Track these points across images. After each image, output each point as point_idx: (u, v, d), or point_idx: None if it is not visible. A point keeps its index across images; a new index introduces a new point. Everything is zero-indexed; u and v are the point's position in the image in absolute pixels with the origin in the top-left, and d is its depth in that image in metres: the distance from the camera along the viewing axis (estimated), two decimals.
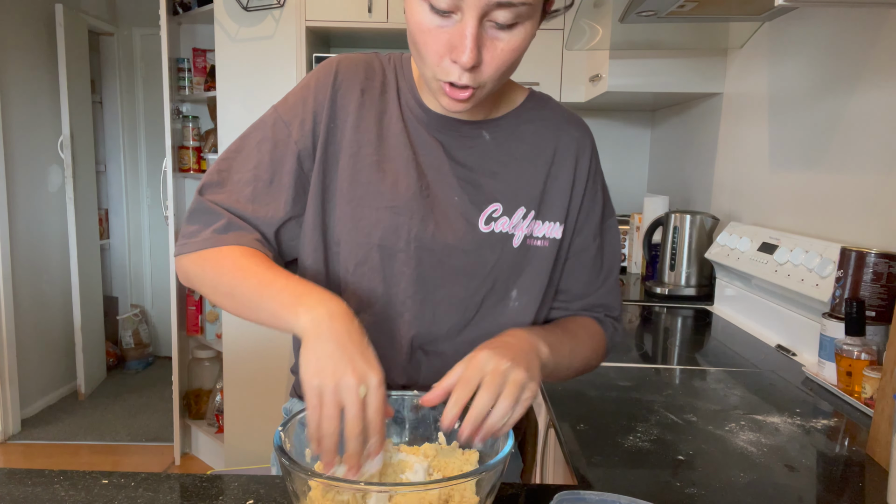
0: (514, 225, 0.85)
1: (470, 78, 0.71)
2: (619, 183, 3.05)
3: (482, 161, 0.85)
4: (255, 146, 0.83)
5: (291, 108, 0.84)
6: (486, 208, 0.84)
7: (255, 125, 0.85)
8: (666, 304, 1.97)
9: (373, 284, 0.83)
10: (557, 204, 0.87)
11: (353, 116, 0.83)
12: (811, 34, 1.59)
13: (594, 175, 0.90)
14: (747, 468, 0.88)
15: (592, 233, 0.91)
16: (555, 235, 0.87)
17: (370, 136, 0.83)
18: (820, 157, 1.52)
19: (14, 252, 3.30)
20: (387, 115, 0.84)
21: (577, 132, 0.89)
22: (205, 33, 2.98)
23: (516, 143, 0.86)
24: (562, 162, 0.87)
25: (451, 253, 0.83)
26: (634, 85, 2.20)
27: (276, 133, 0.83)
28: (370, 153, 0.83)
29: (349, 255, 0.83)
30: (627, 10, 1.57)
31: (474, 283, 0.84)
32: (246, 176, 0.82)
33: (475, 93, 0.74)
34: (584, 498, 0.64)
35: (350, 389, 0.62)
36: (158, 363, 4.31)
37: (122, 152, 4.32)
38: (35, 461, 3.03)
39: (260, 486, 0.77)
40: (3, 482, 0.77)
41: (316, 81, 0.84)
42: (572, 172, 0.87)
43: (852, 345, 1.12)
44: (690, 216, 2.02)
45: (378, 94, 0.84)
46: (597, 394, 1.16)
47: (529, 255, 0.86)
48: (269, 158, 0.82)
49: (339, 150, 0.83)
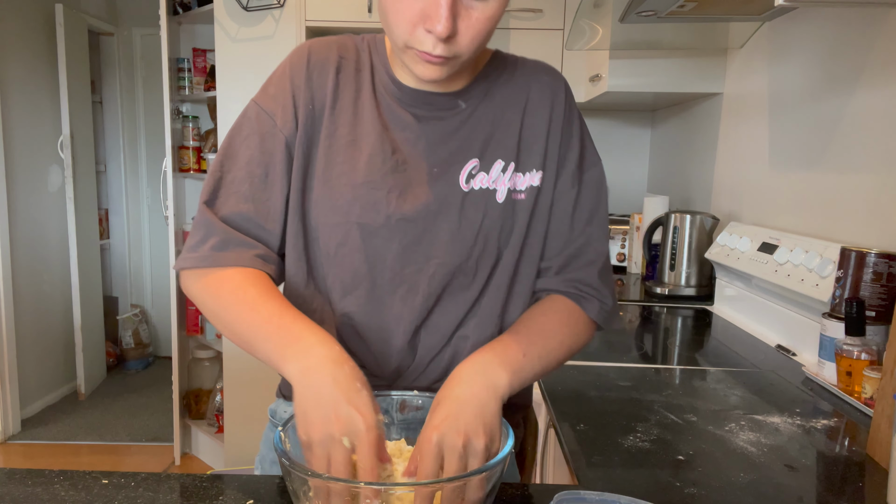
0: (493, 179, 0.82)
1: (444, 48, 0.70)
2: (619, 183, 3.05)
3: (458, 128, 0.83)
4: (242, 143, 0.82)
5: (272, 98, 0.83)
6: (464, 167, 0.82)
7: (239, 121, 0.84)
8: (666, 304, 1.97)
9: (356, 265, 0.82)
10: (535, 151, 0.84)
11: (329, 98, 0.82)
12: (811, 34, 1.59)
13: (569, 119, 0.86)
14: (747, 468, 0.88)
15: (570, 180, 0.85)
16: (533, 183, 0.83)
17: (346, 116, 0.82)
18: (820, 157, 1.52)
19: (14, 252, 3.30)
20: (362, 93, 0.83)
21: (548, 77, 0.86)
22: (205, 33, 2.98)
23: (490, 104, 0.84)
24: (535, 109, 0.84)
25: (434, 220, 0.81)
26: (634, 85, 2.20)
27: (262, 125, 0.82)
28: (345, 133, 0.82)
29: (329, 238, 0.82)
30: (627, 10, 1.57)
31: (465, 248, 0.82)
32: (240, 174, 0.81)
33: (451, 63, 0.73)
34: (584, 498, 0.64)
35: (334, 441, 0.62)
36: (158, 363, 4.31)
37: (122, 152, 4.32)
38: (35, 461, 3.03)
39: (260, 486, 0.77)
40: (3, 482, 0.77)
41: (291, 67, 0.84)
42: (547, 118, 0.84)
43: (852, 345, 1.12)
44: (690, 216, 2.02)
45: (353, 72, 0.83)
46: (597, 394, 1.16)
47: (516, 210, 0.83)
48: (259, 152, 0.81)
49: (317, 133, 0.82)
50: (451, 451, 0.64)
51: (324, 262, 0.83)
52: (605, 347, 1.51)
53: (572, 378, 1.23)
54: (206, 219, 0.80)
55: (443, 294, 0.83)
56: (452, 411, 0.67)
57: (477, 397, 0.69)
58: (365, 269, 0.82)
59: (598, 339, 1.59)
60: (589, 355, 1.42)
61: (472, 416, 0.67)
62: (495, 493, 0.66)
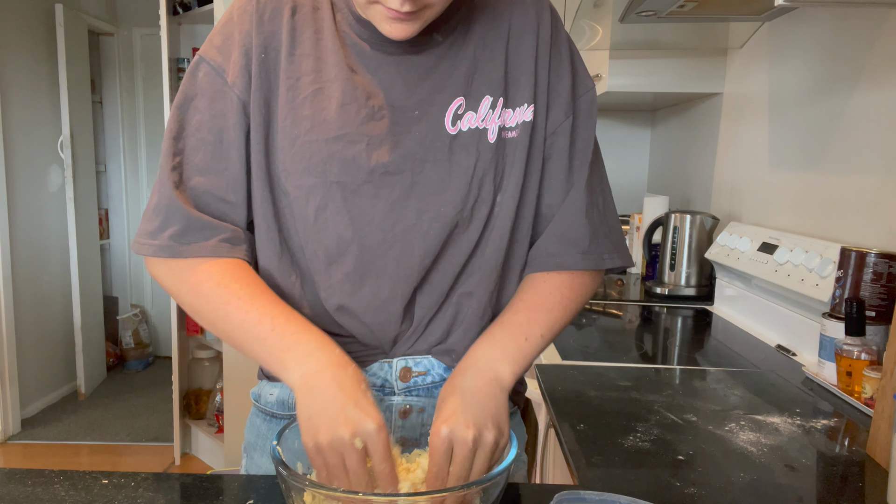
0: (482, 118, 0.75)
1: (412, 3, 0.64)
2: (619, 183, 3.05)
3: (437, 64, 0.75)
4: (191, 106, 0.74)
5: (218, 50, 0.74)
6: (448, 106, 0.74)
7: (186, 81, 0.75)
8: (666, 304, 1.97)
9: (339, 229, 0.74)
10: (524, 83, 0.77)
11: (286, 42, 0.73)
12: (811, 34, 1.59)
13: (557, 43, 0.79)
14: (747, 468, 0.88)
15: (563, 111, 0.79)
16: (525, 118, 0.76)
17: (308, 62, 0.73)
18: (820, 157, 1.53)
19: (14, 252, 3.30)
20: (323, 34, 0.74)
21: (533, 3, 0.79)
22: (205, 33, 2.99)
23: (470, 36, 0.77)
24: (519, 38, 0.77)
25: (422, 169, 0.74)
26: (634, 85, 2.20)
27: (210, 84, 0.73)
28: (309, 82, 0.73)
29: (305, 203, 0.74)
30: (627, 10, 1.57)
31: (459, 196, 0.75)
32: (191, 142, 0.74)
33: (422, 14, 0.66)
34: (585, 498, 0.64)
35: (345, 443, 0.61)
36: (158, 363, 4.31)
37: (122, 152, 4.32)
38: (35, 461, 3.03)
39: (260, 486, 0.77)
40: (3, 482, 0.77)
41: (238, 12, 0.74)
42: (534, 46, 0.77)
43: (852, 345, 1.12)
44: (690, 216, 2.02)
45: (310, 11, 0.74)
46: (597, 394, 1.16)
47: (508, 149, 0.77)
48: (209, 116, 0.73)
49: (276, 84, 0.73)
50: (462, 444, 0.64)
51: (301, 231, 0.75)
52: (605, 347, 1.51)
53: (572, 378, 1.23)
54: (163, 193, 0.72)
55: (441, 250, 0.77)
56: (460, 405, 0.66)
57: (483, 391, 0.68)
58: (350, 232, 0.74)
59: (598, 339, 1.59)
60: (589, 355, 1.42)
61: (479, 410, 0.66)
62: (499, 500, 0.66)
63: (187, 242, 0.72)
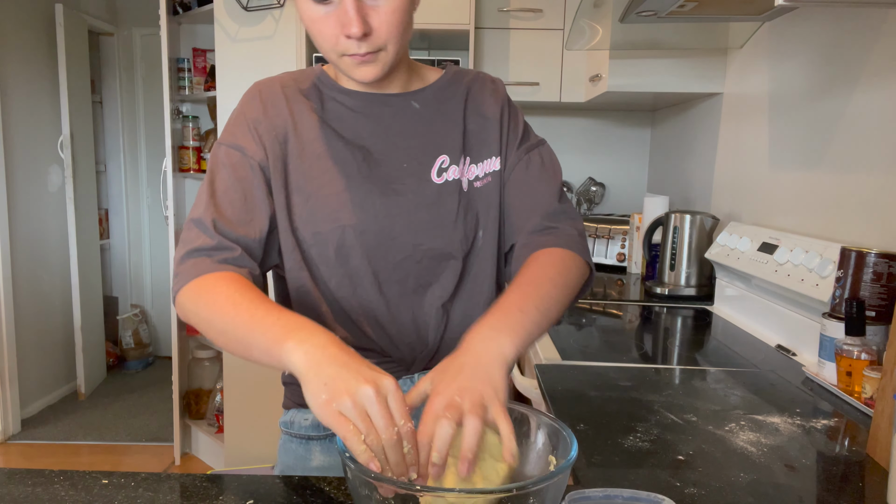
0: (460, 171, 0.93)
1: (367, 45, 0.80)
2: (619, 183, 3.05)
3: (417, 125, 0.93)
4: (218, 179, 0.87)
5: (234, 135, 0.89)
6: (434, 163, 0.92)
7: (210, 164, 0.89)
8: (666, 304, 1.97)
9: (356, 262, 0.89)
10: (491, 140, 0.95)
11: (290, 123, 0.89)
12: (811, 34, 1.59)
13: (512, 114, 0.98)
14: (747, 468, 0.88)
15: (516, 154, 0.97)
16: (494, 168, 0.95)
17: (310, 134, 0.89)
18: (820, 157, 1.53)
19: (14, 252, 3.30)
20: (316, 110, 0.91)
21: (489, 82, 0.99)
22: (205, 33, 2.98)
23: (444, 104, 0.95)
24: (482, 107, 0.96)
25: (416, 210, 0.90)
26: (634, 85, 2.20)
27: (232, 159, 0.88)
28: (314, 150, 0.89)
29: (326, 244, 0.89)
30: (627, 10, 1.57)
31: (446, 232, 0.91)
32: (222, 203, 0.85)
33: (380, 56, 0.82)
34: (589, 496, 0.64)
35: (369, 397, 0.61)
36: (158, 363, 4.31)
37: (122, 152, 4.32)
38: (35, 461, 3.03)
39: (260, 486, 0.77)
40: (3, 482, 0.77)
41: (245, 105, 0.91)
42: (496, 113, 0.96)
43: (852, 345, 1.12)
44: (690, 216, 2.02)
45: (301, 98, 0.91)
46: (597, 394, 1.16)
47: (480, 195, 0.94)
48: (234, 181, 0.86)
49: (287, 154, 0.89)
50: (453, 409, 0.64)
51: (324, 267, 0.90)
52: (605, 347, 1.51)
53: (572, 378, 1.23)
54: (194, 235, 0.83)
55: (435, 279, 0.92)
56: (457, 370, 0.69)
57: (480, 363, 0.70)
58: (365, 264, 0.89)
59: (598, 339, 1.59)
60: (589, 355, 1.42)
61: (472, 375, 0.68)
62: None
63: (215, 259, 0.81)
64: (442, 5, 2.44)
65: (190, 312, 0.80)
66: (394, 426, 0.61)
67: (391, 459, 0.61)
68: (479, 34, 2.58)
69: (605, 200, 3.05)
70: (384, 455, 0.61)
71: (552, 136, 3.03)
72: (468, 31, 2.46)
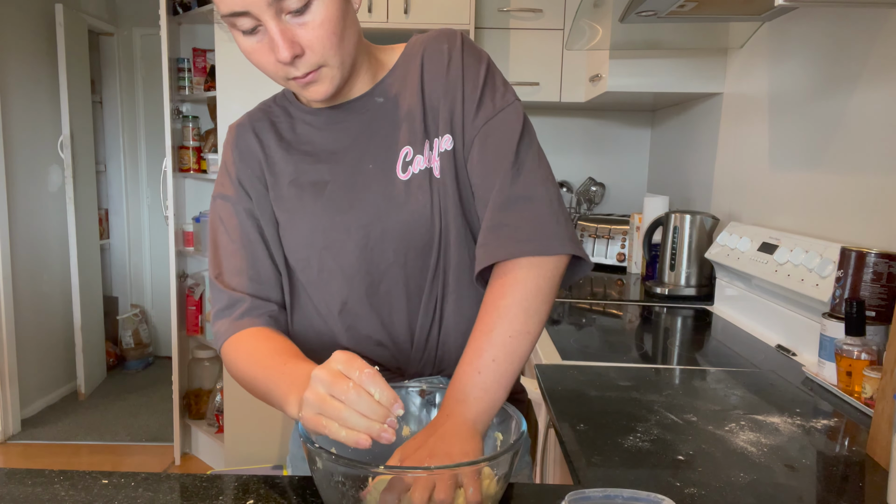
0: (427, 158, 0.86)
1: (304, 65, 0.77)
2: (619, 183, 3.05)
3: (380, 120, 0.88)
4: (218, 234, 0.92)
5: (223, 185, 0.93)
6: (398, 157, 0.86)
7: (210, 219, 0.95)
8: (666, 304, 1.97)
9: (338, 282, 0.89)
10: (442, 118, 0.86)
11: (262, 159, 0.91)
12: (811, 34, 1.59)
13: (469, 72, 0.85)
14: (747, 468, 0.88)
15: (472, 129, 0.85)
16: (446, 147, 0.85)
17: (280, 165, 0.90)
18: (820, 157, 1.53)
19: (14, 252, 3.30)
20: (284, 138, 0.91)
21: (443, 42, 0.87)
22: (205, 33, 2.99)
23: (404, 87, 0.88)
24: (433, 78, 0.86)
25: (389, 213, 0.85)
26: (634, 85, 2.20)
27: (223, 210, 0.92)
28: (285, 178, 0.90)
29: (306, 268, 0.90)
30: (627, 10, 1.57)
31: (424, 229, 0.85)
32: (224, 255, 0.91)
33: (323, 73, 0.78)
34: (589, 496, 0.64)
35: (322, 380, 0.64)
36: (158, 363, 4.31)
37: (122, 152, 4.32)
38: (35, 461, 3.03)
39: (260, 486, 0.77)
40: (3, 482, 0.77)
41: (225, 155, 0.94)
42: (444, 80, 0.85)
43: (852, 345, 1.12)
44: (690, 216, 2.02)
45: (269, 127, 0.92)
46: (597, 394, 1.16)
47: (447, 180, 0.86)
48: (229, 229, 0.91)
49: (266, 188, 0.91)
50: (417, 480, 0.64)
51: (311, 290, 0.91)
52: (605, 347, 1.51)
53: (572, 378, 1.23)
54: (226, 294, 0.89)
55: (420, 276, 0.88)
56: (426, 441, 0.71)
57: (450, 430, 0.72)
58: (344, 282, 0.88)
59: (598, 339, 1.59)
60: (589, 355, 1.42)
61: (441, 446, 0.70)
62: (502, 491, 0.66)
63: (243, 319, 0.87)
64: (442, 5, 2.44)
65: (229, 370, 0.87)
66: (348, 381, 0.63)
67: (365, 411, 0.62)
68: (479, 34, 2.58)
69: (605, 200, 3.05)
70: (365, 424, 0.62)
71: (552, 136, 3.03)
72: (468, 31, 2.46)
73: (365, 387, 0.63)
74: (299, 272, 0.91)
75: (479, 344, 0.78)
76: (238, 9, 0.73)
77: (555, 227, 0.80)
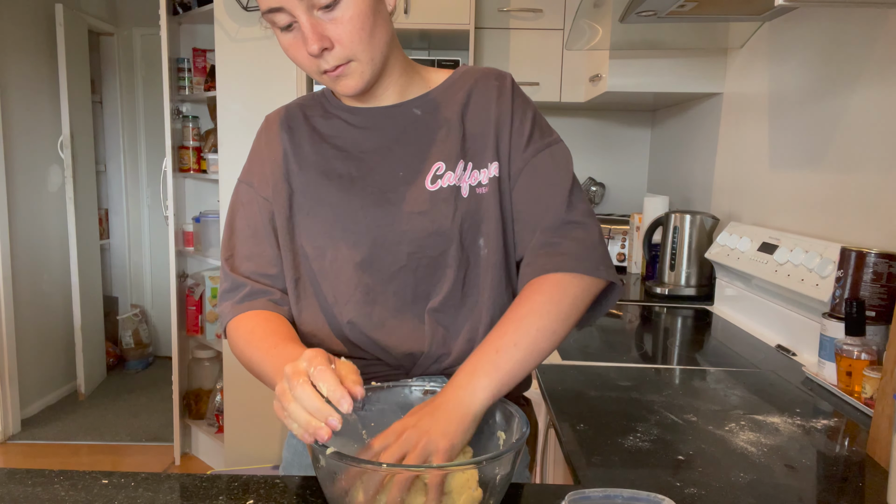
0: (458, 177, 0.89)
1: (333, 58, 0.81)
2: (619, 183, 3.05)
3: (416, 131, 0.91)
4: (236, 214, 0.97)
5: (248, 172, 0.97)
6: (429, 170, 0.89)
7: (231, 199, 0.98)
8: (666, 304, 1.97)
9: (349, 274, 0.90)
10: (489, 146, 0.90)
11: (290, 151, 0.94)
12: (811, 34, 1.59)
13: (518, 109, 0.91)
14: (747, 468, 0.88)
15: (523, 161, 0.90)
16: (493, 174, 0.89)
17: (310, 158, 0.93)
18: (820, 157, 1.53)
19: (14, 252, 3.30)
20: (317, 130, 0.94)
21: (491, 77, 0.93)
22: (205, 33, 2.98)
23: (446, 107, 0.92)
24: (480, 110, 0.91)
25: (409, 219, 0.88)
26: (634, 85, 2.20)
27: (244, 196, 0.96)
28: (313, 168, 0.92)
29: (320, 257, 0.91)
30: (627, 10, 1.57)
31: (440, 241, 0.88)
32: (238, 239, 0.95)
33: (352, 67, 0.82)
34: (589, 496, 0.64)
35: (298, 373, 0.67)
36: (158, 363, 4.31)
37: (122, 152, 4.32)
38: (35, 461, 3.03)
39: (260, 486, 0.77)
40: (3, 482, 0.77)
41: (257, 141, 0.98)
42: (496, 114, 0.90)
43: (852, 345, 1.12)
44: (690, 216, 2.02)
45: (302, 121, 0.95)
46: (597, 394, 1.16)
47: (483, 203, 0.89)
48: (246, 217, 0.95)
49: (292, 177, 0.93)
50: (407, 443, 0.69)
51: (322, 280, 0.92)
52: (605, 347, 1.51)
53: (572, 378, 1.24)
54: (232, 278, 0.93)
55: (429, 284, 0.90)
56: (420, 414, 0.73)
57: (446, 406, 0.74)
58: (357, 275, 0.90)
59: (599, 339, 1.59)
60: (589, 355, 1.42)
61: (438, 421, 0.72)
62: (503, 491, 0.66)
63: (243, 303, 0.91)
64: (442, 5, 2.44)
65: (233, 351, 0.91)
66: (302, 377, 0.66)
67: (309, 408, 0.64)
68: (479, 34, 2.58)
69: (605, 200, 3.05)
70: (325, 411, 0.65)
71: None
72: (468, 31, 2.46)
73: (315, 383, 0.66)
74: (312, 260, 0.92)
75: (506, 328, 0.80)
76: (274, 5, 0.79)
77: (603, 253, 0.88)
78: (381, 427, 0.74)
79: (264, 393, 2.99)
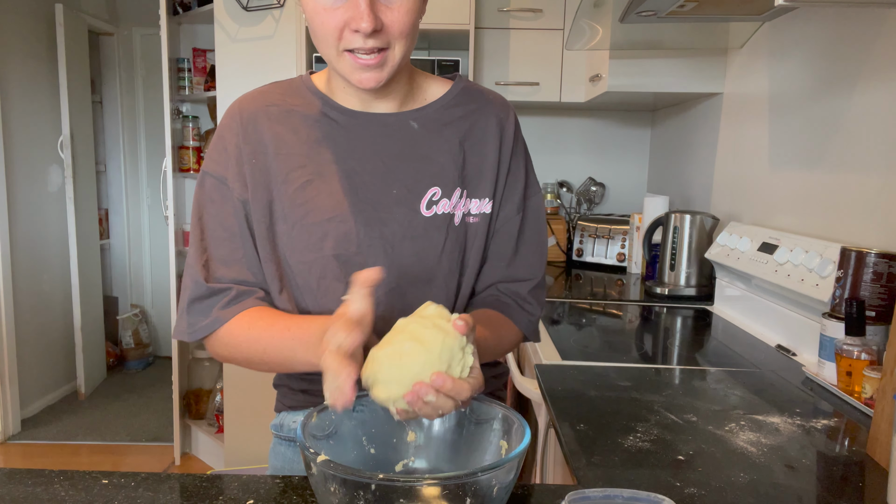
0: (453, 205, 0.90)
1: (375, 41, 0.77)
2: (619, 183, 3.05)
3: (413, 148, 0.89)
4: (205, 213, 0.88)
5: (216, 163, 0.88)
6: (425, 194, 0.88)
7: (196, 193, 0.90)
8: (666, 304, 1.97)
9: (339, 293, 0.85)
10: (486, 179, 0.91)
11: (271, 146, 0.87)
12: (811, 34, 1.59)
13: (517, 150, 0.94)
14: (747, 468, 0.88)
15: (515, 207, 0.95)
16: (485, 211, 0.92)
17: (294, 158, 0.87)
18: (820, 157, 1.53)
19: (14, 252, 3.30)
20: (303, 130, 0.88)
21: (497, 108, 0.94)
22: (205, 33, 2.98)
23: (446, 128, 0.90)
24: (484, 140, 0.92)
25: (401, 242, 0.88)
26: (634, 85, 2.20)
27: (216, 191, 0.88)
28: (298, 175, 0.86)
29: (308, 273, 0.87)
30: (627, 10, 1.57)
31: (430, 266, 0.89)
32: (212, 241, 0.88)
33: (387, 56, 0.79)
34: (589, 496, 0.64)
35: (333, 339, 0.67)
36: (158, 363, 4.31)
37: (122, 152, 4.32)
38: (35, 461, 3.03)
39: (260, 486, 0.77)
40: (3, 482, 0.77)
41: (226, 129, 0.89)
42: (497, 149, 0.92)
43: (852, 345, 1.12)
44: (690, 216, 2.02)
45: (284, 116, 0.88)
46: (597, 394, 1.16)
47: (469, 232, 0.92)
48: (220, 217, 0.88)
49: (271, 180, 0.87)
50: None
51: (306, 296, 0.89)
52: (605, 347, 1.51)
53: (572, 378, 1.23)
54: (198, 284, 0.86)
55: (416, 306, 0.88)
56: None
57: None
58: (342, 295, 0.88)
59: (599, 339, 1.59)
60: (589, 355, 1.42)
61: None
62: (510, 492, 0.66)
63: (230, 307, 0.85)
64: (442, 5, 2.44)
65: (226, 358, 0.88)
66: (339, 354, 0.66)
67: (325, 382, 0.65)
68: (479, 34, 2.58)
69: (605, 200, 3.05)
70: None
71: (552, 136, 3.03)
72: (468, 31, 2.46)
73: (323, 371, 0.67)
74: (297, 275, 0.88)
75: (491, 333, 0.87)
76: None
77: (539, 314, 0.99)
78: (381, 432, 0.73)
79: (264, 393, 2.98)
